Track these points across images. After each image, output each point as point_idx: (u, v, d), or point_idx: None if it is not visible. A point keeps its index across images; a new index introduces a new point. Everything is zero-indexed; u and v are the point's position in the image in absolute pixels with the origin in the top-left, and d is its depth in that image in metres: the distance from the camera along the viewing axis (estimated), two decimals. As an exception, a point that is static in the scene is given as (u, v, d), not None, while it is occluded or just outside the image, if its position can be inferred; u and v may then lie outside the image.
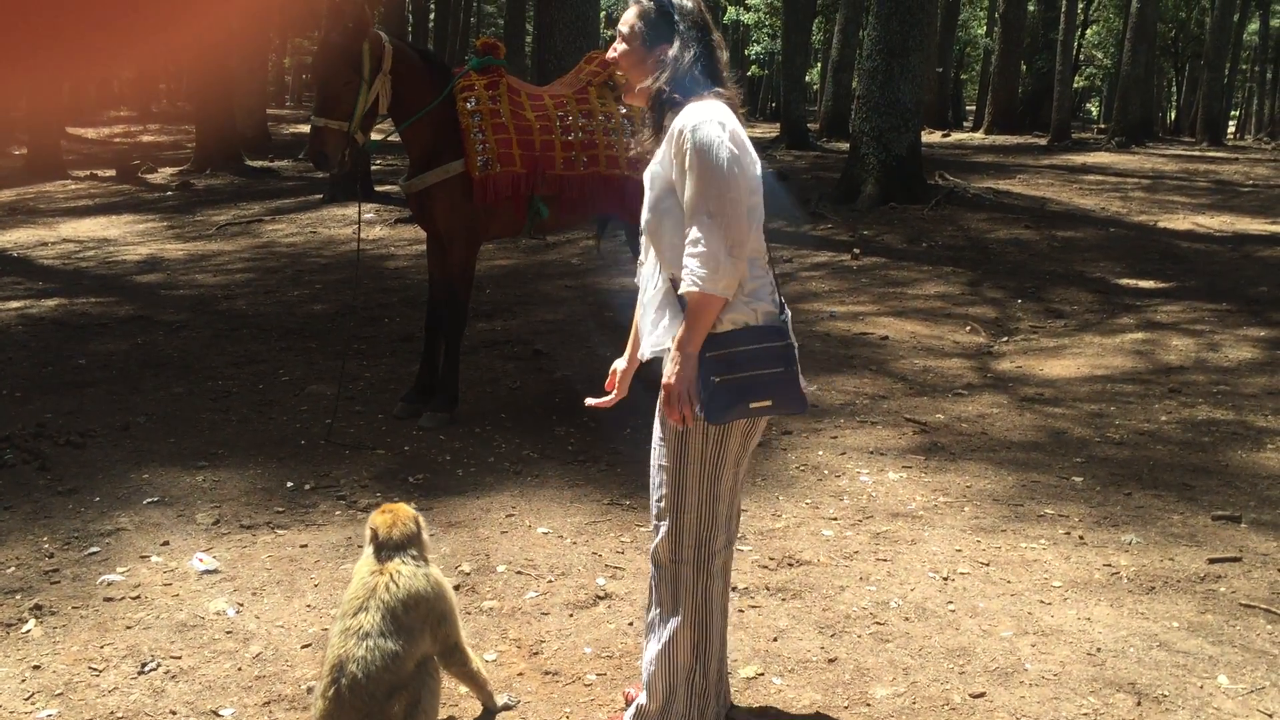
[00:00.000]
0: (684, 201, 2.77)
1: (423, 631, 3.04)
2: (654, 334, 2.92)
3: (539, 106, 5.89)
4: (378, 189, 14.64)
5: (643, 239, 3.04)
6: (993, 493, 5.08)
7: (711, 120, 2.75)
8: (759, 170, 2.84)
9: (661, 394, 2.81)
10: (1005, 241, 11.44)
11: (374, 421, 5.97)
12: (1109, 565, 4.32)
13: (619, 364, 3.25)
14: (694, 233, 2.73)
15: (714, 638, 3.02)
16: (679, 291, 2.77)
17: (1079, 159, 20.19)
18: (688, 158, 2.73)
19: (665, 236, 2.85)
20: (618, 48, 2.98)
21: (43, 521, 4.67)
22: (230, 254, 11.32)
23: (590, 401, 3.24)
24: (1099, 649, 3.65)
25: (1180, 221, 12.80)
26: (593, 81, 6.12)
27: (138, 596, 4.01)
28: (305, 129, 21.98)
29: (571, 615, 3.91)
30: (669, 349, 2.85)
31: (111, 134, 24.70)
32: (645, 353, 2.99)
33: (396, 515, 3.15)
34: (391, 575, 3.02)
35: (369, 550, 3.10)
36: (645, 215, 2.92)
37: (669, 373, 2.78)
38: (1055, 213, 13.23)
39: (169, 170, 17.87)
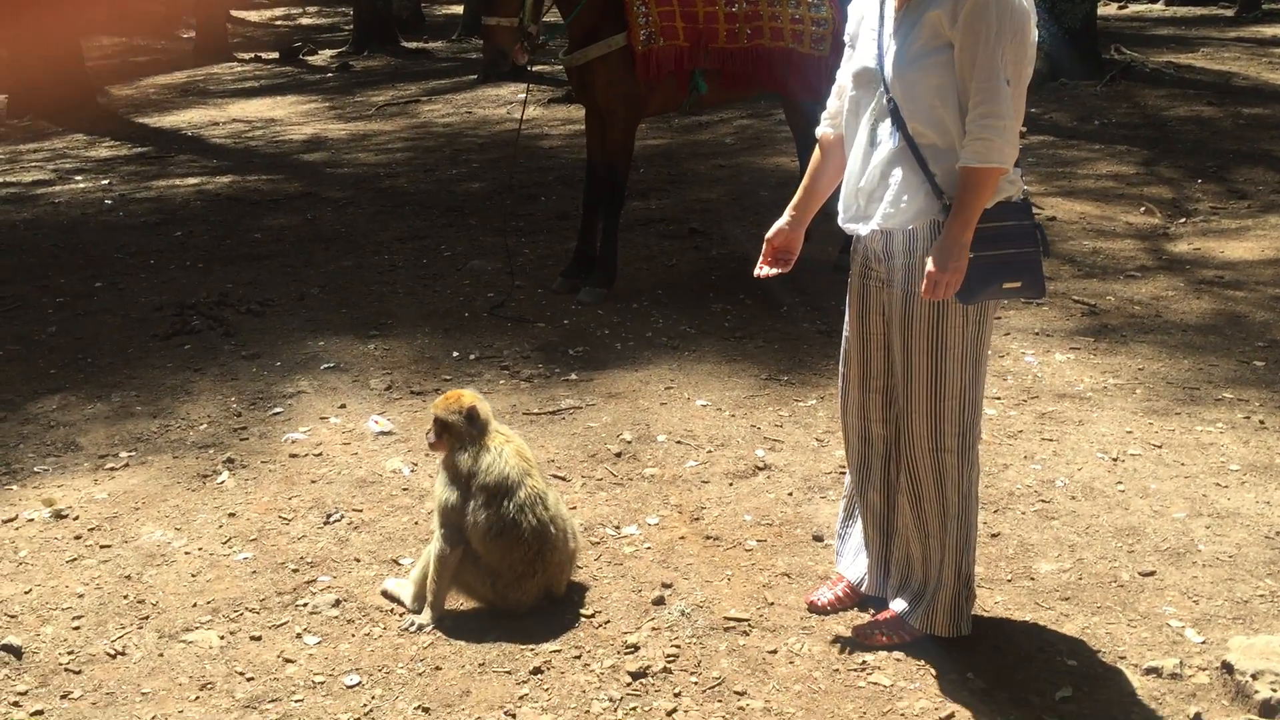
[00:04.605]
0: (969, 60, 2.54)
1: None
2: (887, 206, 2.70)
3: (702, -24, 5.75)
4: (531, 68, 14.62)
5: (853, 89, 2.80)
6: (1166, 375, 4.90)
7: None
8: None
9: (925, 281, 2.60)
10: (1185, 119, 10.78)
11: (534, 296, 6.08)
12: (1291, 451, 4.15)
13: (784, 224, 3.01)
14: (989, 101, 2.52)
15: (975, 527, 2.91)
16: (960, 164, 2.56)
17: (1269, 30, 18.74)
18: (991, 15, 2.50)
19: (923, 92, 2.62)
20: None
21: (230, 383, 4.95)
22: (389, 133, 11.53)
23: (762, 273, 3.04)
24: (1278, 532, 3.53)
25: (1382, 96, 11.83)
26: (756, -51, 5.93)
27: (320, 454, 4.24)
28: (458, 9, 22.06)
29: (731, 484, 3.98)
30: (911, 227, 2.67)
31: (273, 17, 25.20)
32: (873, 224, 2.74)
33: (473, 396, 3.23)
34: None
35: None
36: (901, 64, 2.65)
37: (941, 261, 2.57)
38: (1241, 88, 12.38)
39: (328, 52, 18.20)
